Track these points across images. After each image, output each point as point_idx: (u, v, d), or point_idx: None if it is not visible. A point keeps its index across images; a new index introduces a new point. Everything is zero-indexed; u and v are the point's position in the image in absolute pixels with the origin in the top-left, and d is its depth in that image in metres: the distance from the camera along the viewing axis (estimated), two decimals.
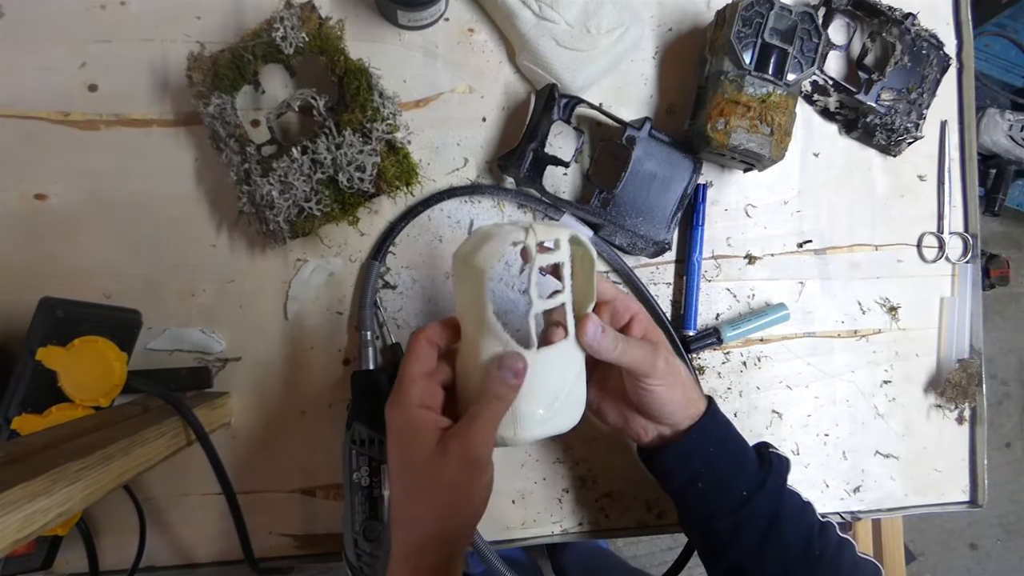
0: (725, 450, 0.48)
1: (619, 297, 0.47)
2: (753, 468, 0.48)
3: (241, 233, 0.58)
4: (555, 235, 0.41)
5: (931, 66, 0.63)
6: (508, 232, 0.40)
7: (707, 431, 0.47)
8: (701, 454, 0.47)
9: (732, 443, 0.49)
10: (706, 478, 0.47)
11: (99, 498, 0.38)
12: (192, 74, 0.52)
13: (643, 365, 0.44)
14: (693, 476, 0.47)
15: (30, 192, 0.56)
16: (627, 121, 0.59)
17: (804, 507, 0.49)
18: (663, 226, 0.60)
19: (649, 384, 0.44)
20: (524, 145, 0.57)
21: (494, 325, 0.39)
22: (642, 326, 0.47)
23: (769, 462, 0.48)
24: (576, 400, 0.44)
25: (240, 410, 0.58)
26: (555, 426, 0.43)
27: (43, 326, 0.46)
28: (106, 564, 0.55)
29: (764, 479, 0.47)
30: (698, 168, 0.60)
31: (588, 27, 0.58)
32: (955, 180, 0.68)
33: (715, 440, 0.47)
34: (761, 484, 0.47)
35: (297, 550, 0.58)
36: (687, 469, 0.47)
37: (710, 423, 0.47)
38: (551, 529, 0.61)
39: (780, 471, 0.48)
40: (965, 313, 0.67)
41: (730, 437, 0.49)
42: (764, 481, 0.47)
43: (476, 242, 0.41)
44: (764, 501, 0.46)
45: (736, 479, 0.47)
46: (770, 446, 0.51)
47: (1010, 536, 1.82)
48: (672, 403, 0.46)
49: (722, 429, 0.48)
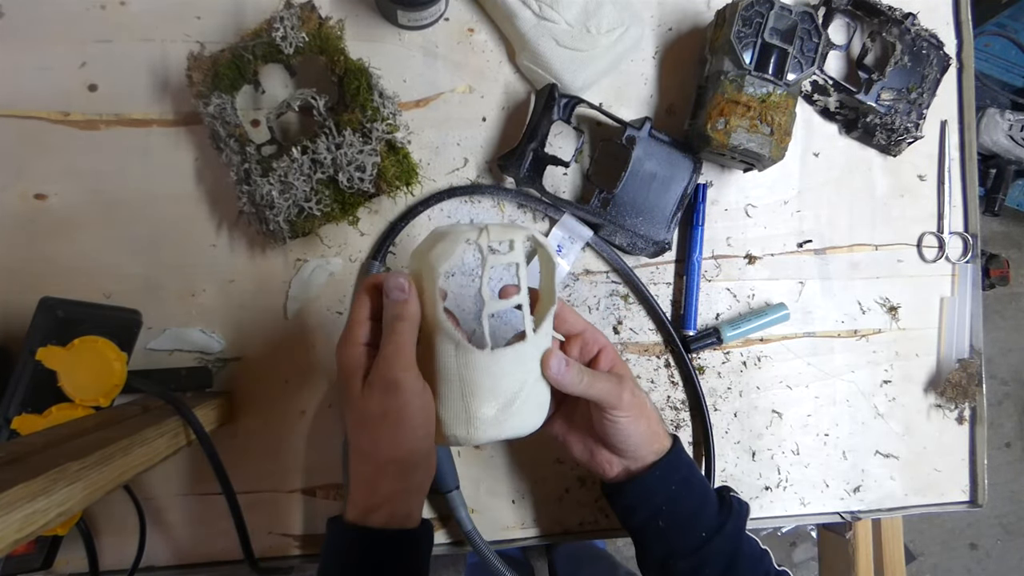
0: (687, 489, 0.48)
1: (588, 329, 0.48)
2: (713, 509, 0.48)
3: (241, 233, 0.58)
4: (510, 236, 0.41)
5: (931, 66, 0.63)
6: (462, 232, 0.40)
7: (671, 467, 0.47)
8: (663, 491, 0.47)
9: (694, 483, 0.48)
10: (667, 516, 0.47)
11: (99, 498, 0.38)
12: (192, 74, 0.52)
13: (609, 397, 0.44)
14: (654, 513, 0.47)
15: (30, 192, 0.56)
16: (627, 121, 0.59)
17: (761, 554, 0.49)
18: (663, 226, 0.60)
19: (615, 416, 0.45)
20: (524, 145, 0.57)
21: (444, 323, 0.40)
22: (609, 359, 0.47)
23: (729, 505, 0.48)
24: (536, 404, 0.44)
25: (240, 410, 0.58)
26: (512, 428, 0.42)
27: (43, 326, 0.46)
28: (106, 564, 0.55)
29: (724, 522, 0.47)
30: (698, 168, 0.60)
31: (588, 27, 0.58)
32: (955, 180, 0.68)
33: (678, 478, 0.47)
34: (721, 526, 0.47)
35: (297, 550, 0.58)
36: (649, 505, 0.47)
37: (674, 460, 0.48)
38: (551, 529, 0.61)
39: (740, 515, 0.49)
40: (965, 313, 0.67)
41: (693, 476, 0.49)
42: (724, 524, 0.47)
43: (431, 240, 0.41)
44: (722, 544, 0.46)
45: (697, 519, 0.47)
46: (731, 490, 0.51)
47: (1010, 536, 1.82)
48: (637, 435, 0.46)
49: (685, 467, 0.48)
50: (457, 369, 0.40)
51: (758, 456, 0.64)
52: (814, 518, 0.65)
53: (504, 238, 0.41)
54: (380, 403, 0.39)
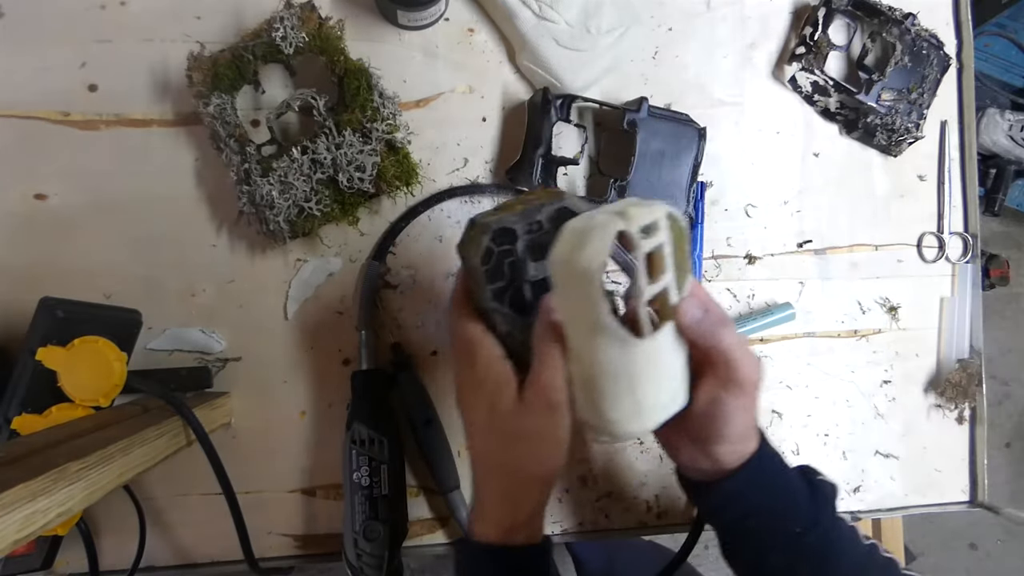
0: (779, 485, 0.45)
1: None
2: (805, 501, 0.45)
3: (241, 233, 0.58)
4: (653, 215, 0.38)
5: (931, 66, 0.63)
6: (606, 224, 0.36)
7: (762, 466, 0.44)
8: (755, 492, 0.44)
9: (786, 476, 0.45)
10: (757, 516, 0.44)
11: (99, 498, 0.38)
12: (192, 74, 0.52)
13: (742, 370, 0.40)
14: (744, 514, 0.44)
15: (30, 192, 0.56)
16: (624, 105, 0.59)
17: (853, 533, 0.46)
18: (682, 199, 0.60)
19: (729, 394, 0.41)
20: (530, 153, 0.57)
21: (611, 325, 0.36)
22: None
23: (822, 493, 0.46)
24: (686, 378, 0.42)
25: (240, 410, 0.58)
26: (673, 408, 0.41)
27: (43, 326, 0.46)
28: (106, 564, 0.55)
29: (818, 513, 0.44)
30: (703, 134, 0.60)
31: (588, 27, 0.58)
32: (955, 180, 0.68)
33: (770, 474, 0.45)
34: (815, 519, 0.44)
35: (297, 550, 0.58)
36: (739, 507, 0.44)
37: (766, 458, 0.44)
38: (551, 529, 0.61)
39: (832, 502, 0.46)
40: (965, 313, 0.67)
41: (784, 470, 0.46)
42: (818, 515, 0.44)
43: (574, 241, 0.37)
44: (819, 535, 0.44)
45: (789, 515, 0.44)
46: (815, 472, 0.48)
47: (1010, 536, 1.82)
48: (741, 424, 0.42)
49: (778, 462, 0.45)
50: (624, 366, 0.38)
51: None
52: None
53: (648, 219, 0.37)
54: (536, 422, 0.40)
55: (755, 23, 0.65)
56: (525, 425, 0.40)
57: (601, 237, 0.36)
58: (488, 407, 0.41)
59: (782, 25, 0.65)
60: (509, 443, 0.41)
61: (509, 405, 0.40)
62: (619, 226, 0.36)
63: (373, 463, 0.52)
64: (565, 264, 0.37)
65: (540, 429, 0.40)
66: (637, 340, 0.37)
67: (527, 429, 0.40)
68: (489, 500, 0.42)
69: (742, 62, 0.64)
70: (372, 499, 0.52)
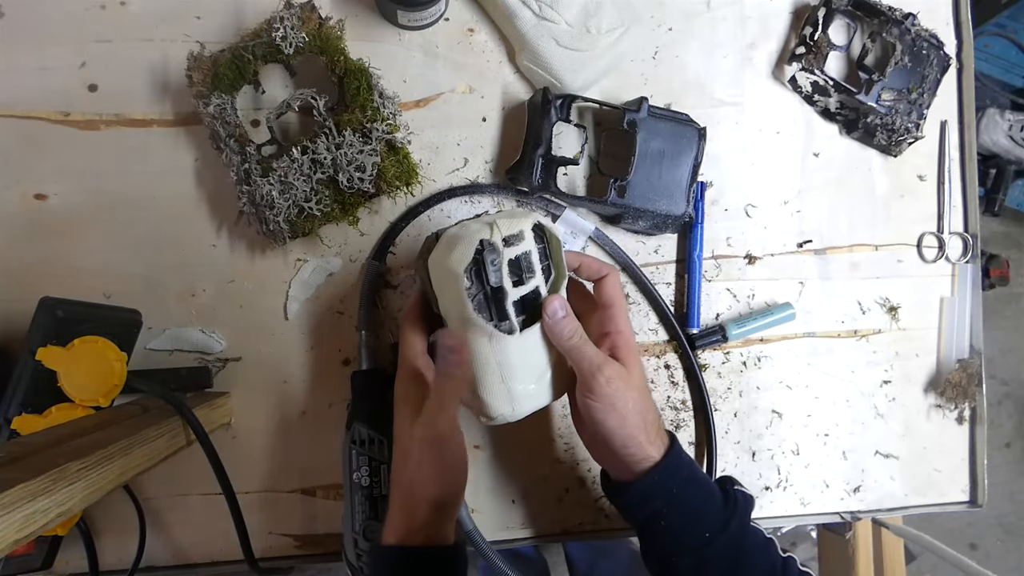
0: (689, 490, 0.47)
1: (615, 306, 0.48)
2: (717, 507, 0.47)
3: (241, 233, 0.58)
4: (518, 226, 0.44)
5: (931, 66, 0.63)
6: (475, 232, 0.42)
7: (669, 471, 0.46)
8: (663, 494, 0.46)
9: (696, 483, 0.47)
10: (668, 517, 0.46)
11: (99, 498, 0.38)
12: (192, 74, 0.52)
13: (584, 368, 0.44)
14: (654, 515, 0.46)
15: (30, 192, 0.56)
16: (624, 105, 0.59)
17: (767, 544, 0.48)
18: (682, 199, 0.60)
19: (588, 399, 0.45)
20: (530, 153, 0.57)
21: (475, 319, 0.42)
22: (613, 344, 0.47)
23: (734, 501, 0.47)
24: (560, 374, 0.47)
25: (240, 410, 0.58)
26: (543, 399, 0.47)
27: (43, 326, 0.46)
28: (106, 564, 0.55)
29: (728, 519, 0.46)
30: (703, 134, 0.60)
31: (588, 27, 0.58)
32: (955, 180, 0.68)
33: (678, 480, 0.46)
34: (725, 524, 0.46)
35: (297, 550, 0.58)
36: (649, 507, 0.46)
37: (673, 463, 0.46)
38: (551, 529, 0.61)
39: (745, 510, 0.48)
40: (965, 313, 0.67)
41: (694, 477, 0.48)
42: (728, 522, 0.46)
43: (446, 247, 0.43)
44: (727, 541, 0.45)
45: (699, 519, 0.46)
46: (734, 482, 0.50)
47: (1010, 536, 1.82)
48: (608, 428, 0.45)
49: (685, 468, 0.47)
50: (494, 356, 0.43)
51: (758, 456, 0.64)
52: (814, 518, 0.65)
53: (514, 229, 0.43)
54: (421, 450, 0.42)
55: (755, 23, 0.65)
56: (412, 450, 0.43)
57: (468, 244, 0.42)
58: (397, 426, 0.45)
59: (782, 25, 0.65)
60: (403, 461, 0.44)
61: (406, 429, 0.44)
62: (484, 235, 0.42)
63: (373, 463, 0.52)
64: (439, 266, 0.43)
65: (423, 456, 0.42)
66: (502, 335, 0.43)
67: (413, 454, 0.43)
68: (391, 507, 0.45)
69: (742, 62, 0.64)
70: (372, 499, 0.52)
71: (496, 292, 0.43)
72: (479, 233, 0.42)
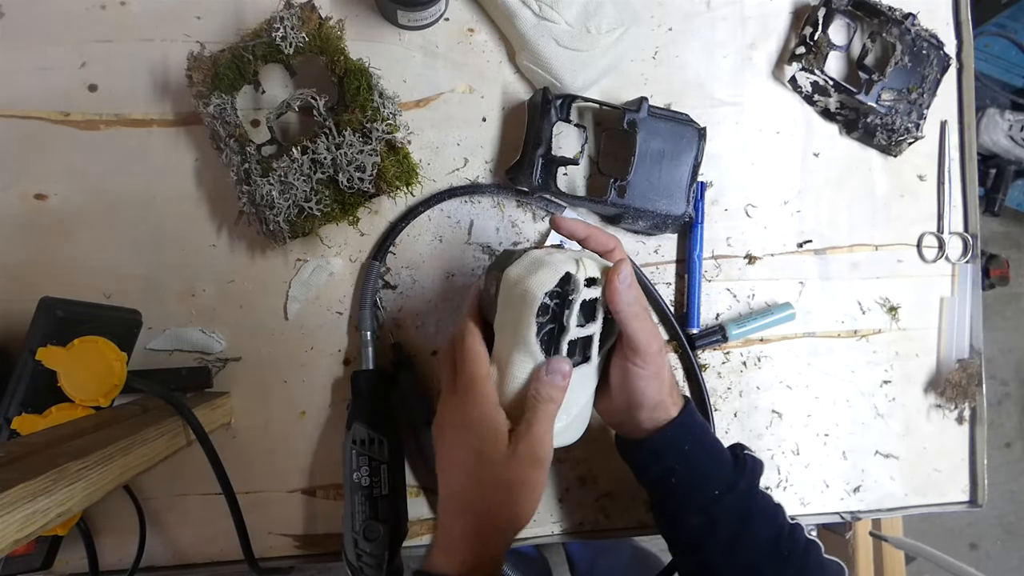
0: (700, 449, 0.49)
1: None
2: (727, 468, 0.49)
3: (241, 233, 0.58)
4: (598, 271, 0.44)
5: (931, 66, 0.63)
6: (560, 263, 0.42)
7: (683, 428, 0.48)
8: (675, 451, 0.48)
9: (707, 443, 0.49)
10: (680, 474, 0.48)
11: (99, 498, 0.38)
12: (192, 74, 0.52)
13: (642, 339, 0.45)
14: (667, 471, 0.48)
15: (30, 192, 0.56)
16: (624, 105, 0.59)
17: (775, 509, 0.50)
18: (682, 199, 0.60)
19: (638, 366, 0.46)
20: (530, 153, 0.57)
21: (533, 346, 0.42)
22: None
23: (743, 463, 0.49)
24: (585, 417, 0.49)
25: (240, 410, 0.58)
26: (570, 438, 0.48)
27: (43, 326, 0.46)
28: (106, 564, 0.55)
29: (737, 480, 0.48)
30: (703, 134, 0.60)
31: (588, 27, 0.58)
32: (955, 180, 0.68)
33: (691, 438, 0.48)
34: (734, 484, 0.47)
35: (297, 550, 0.58)
36: (661, 464, 0.48)
37: (687, 421, 0.48)
38: (551, 529, 0.61)
39: (753, 472, 0.49)
40: (965, 313, 0.67)
41: (705, 437, 0.50)
42: (736, 482, 0.48)
43: (529, 267, 0.43)
44: (735, 501, 0.47)
45: (709, 477, 0.48)
46: (745, 448, 0.52)
47: (1010, 536, 1.82)
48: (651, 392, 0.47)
49: (698, 428, 0.49)
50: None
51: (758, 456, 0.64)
52: (814, 518, 0.65)
53: (595, 273, 0.43)
54: (522, 473, 0.42)
55: (755, 23, 0.65)
56: (512, 476, 0.42)
57: (552, 271, 0.42)
58: (475, 451, 0.43)
59: (782, 25, 0.65)
60: (491, 490, 0.43)
61: (499, 455, 0.42)
62: (570, 268, 0.42)
63: (373, 463, 0.52)
64: (517, 282, 0.43)
65: (525, 480, 0.42)
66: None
67: (513, 480, 0.42)
68: (458, 536, 0.43)
69: (742, 62, 0.64)
70: (372, 499, 0.52)
71: (562, 327, 0.43)
72: (565, 265, 0.42)
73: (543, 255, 0.44)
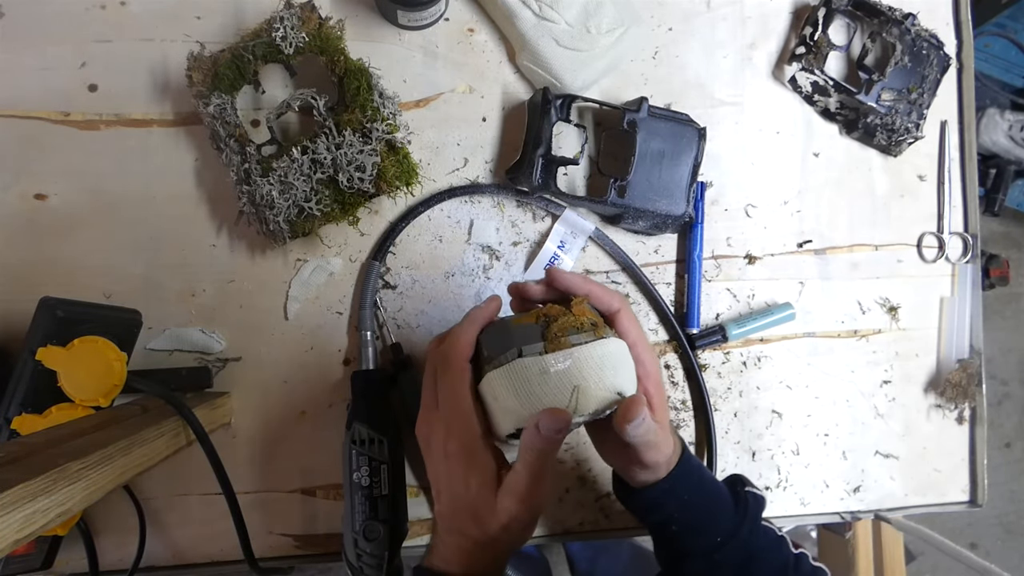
0: (699, 496, 0.47)
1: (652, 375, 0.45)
2: (728, 513, 0.47)
3: (241, 233, 0.58)
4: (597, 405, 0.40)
5: (931, 66, 0.63)
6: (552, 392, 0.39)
7: (680, 478, 0.46)
8: (674, 501, 0.46)
9: (705, 489, 0.47)
10: (679, 523, 0.46)
11: (99, 498, 0.38)
12: (192, 74, 0.52)
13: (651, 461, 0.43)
14: (666, 519, 0.47)
15: (30, 192, 0.56)
16: (624, 105, 0.59)
17: (778, 542, 0.48)
18: (682, 199, 0.60)
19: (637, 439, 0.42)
20: (531, 153, 0.57)
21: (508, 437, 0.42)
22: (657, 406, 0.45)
23: (744, 504, 0.47)
24: None
25: (240, 410, 0.58)
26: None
27: (43, 326, 0.46)
28: (106, 564, 0.55)
29: (739, 524, 0.46)
30: (703, 134, 0.60)
31: (588, 27, 0.58)
32: (955, 180, 0.68)
33: (688, 488, 0.46)
34: (736, 530, 0.46)
35: (297, 550, 0.58)
36: (660, 513, 0.47)
37: (684, 469, 0.46)
38: (552, 529, 0.61)
39: (755, 512, 0.48)
40: (965, 313, 0.67)
41: (704, 484, 0.48)
42: (739, 526, 0.46)
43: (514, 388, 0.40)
44: (738, 544, 0.46)
45: (710, 526, 0.46)
46: (746, 483, 0.50)
47: (1010, 536, 1.82)
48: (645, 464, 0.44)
49: (696, 474, 0.47)
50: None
51: (758, 456, 0.64)
52: (814, 518, 0.65)
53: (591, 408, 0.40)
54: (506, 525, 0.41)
55: (755, 23, 0.65)
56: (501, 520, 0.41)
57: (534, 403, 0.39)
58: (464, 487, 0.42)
59: (782, 25, 0.65)
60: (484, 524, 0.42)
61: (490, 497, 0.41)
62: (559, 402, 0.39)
63: (373, 463, 0.52)
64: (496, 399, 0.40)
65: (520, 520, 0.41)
66: None
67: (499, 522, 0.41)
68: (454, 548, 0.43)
69: (742, 62, 0.64)
70: (372, 499, 0.52)
71: None
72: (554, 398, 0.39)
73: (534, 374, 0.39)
